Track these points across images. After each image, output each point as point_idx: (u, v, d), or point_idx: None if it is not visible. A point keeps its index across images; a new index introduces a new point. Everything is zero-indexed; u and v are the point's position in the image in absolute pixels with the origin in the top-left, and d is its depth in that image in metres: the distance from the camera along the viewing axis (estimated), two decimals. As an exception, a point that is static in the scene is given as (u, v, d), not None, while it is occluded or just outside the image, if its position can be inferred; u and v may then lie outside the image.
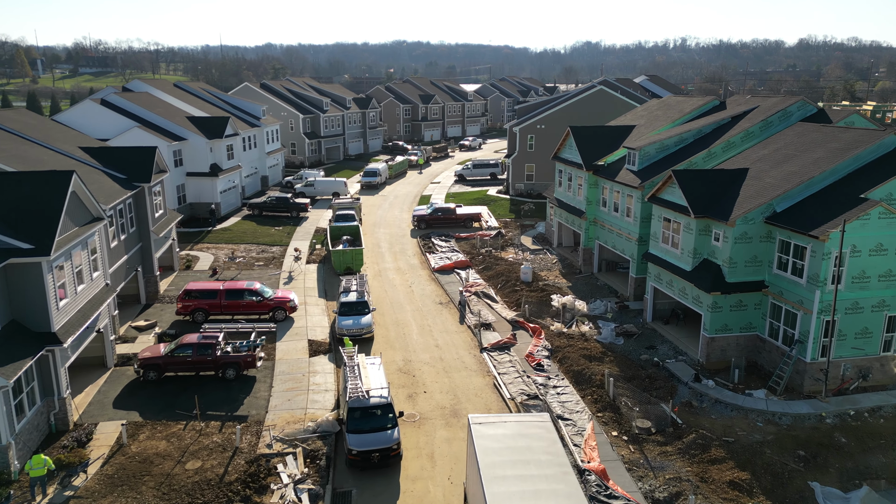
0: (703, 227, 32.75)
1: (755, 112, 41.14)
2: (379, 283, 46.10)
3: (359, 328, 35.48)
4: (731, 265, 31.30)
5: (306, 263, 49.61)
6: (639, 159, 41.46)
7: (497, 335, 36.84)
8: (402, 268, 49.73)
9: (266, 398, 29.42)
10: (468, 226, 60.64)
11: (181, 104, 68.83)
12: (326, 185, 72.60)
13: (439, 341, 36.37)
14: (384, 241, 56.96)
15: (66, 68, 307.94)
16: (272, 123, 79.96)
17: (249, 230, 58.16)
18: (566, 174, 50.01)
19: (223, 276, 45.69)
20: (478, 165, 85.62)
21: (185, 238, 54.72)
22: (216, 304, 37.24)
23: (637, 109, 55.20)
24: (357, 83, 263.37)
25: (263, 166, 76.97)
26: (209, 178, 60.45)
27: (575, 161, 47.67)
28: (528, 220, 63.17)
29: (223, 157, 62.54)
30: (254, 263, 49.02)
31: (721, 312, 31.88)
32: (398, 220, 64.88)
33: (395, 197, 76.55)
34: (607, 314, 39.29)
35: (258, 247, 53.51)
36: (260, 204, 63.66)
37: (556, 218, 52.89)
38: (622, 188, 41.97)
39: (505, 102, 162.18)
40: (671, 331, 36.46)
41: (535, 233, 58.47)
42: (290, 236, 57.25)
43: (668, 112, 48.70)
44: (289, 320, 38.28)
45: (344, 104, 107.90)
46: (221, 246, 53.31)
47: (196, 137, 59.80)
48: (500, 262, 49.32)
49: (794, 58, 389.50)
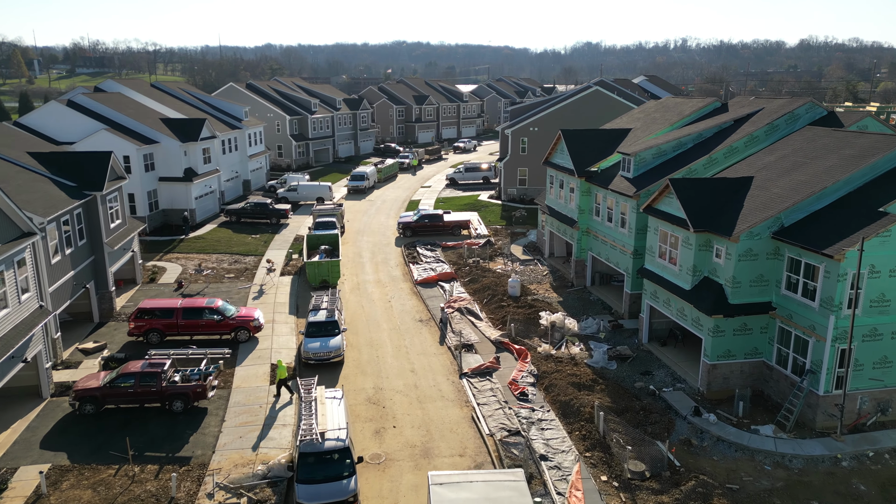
0: (703, 241, 29.66)
1: (760, 115, 38.07)
2: (356, 297, 43.00)
3: (326, 352, 32.38)
4: (734, 285, 28.21)
5: (280, 275, 46.52)
6: (634, 166, 38.39)
7: (479, 358, 33.74)
8: (382, 280, 46.64)
9: (215, 434, 26.32)
10: (456, 233, 57.57)
11: (157, 105, 65.75)
12: (310, 190, 69.50)
13: (416, 365, 33.27)
14: (366, 251, 53.87)
15: (63, 69, 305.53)
16: (255, 125, 76.89)
17: (224, 238, 55.07)
18: (557, 180, 46.93)
19: (189, 289, 42.63)
20: (470, 169, 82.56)
21: (154, 247, 51.63)
22: (172, 323, 34.15)
23: (634, 111, 52.12)
24: (355, 84, 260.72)
25: (245, 170, 73.88)
26: (183, 184, 57.36)
27: (566, 167, 44.60)
28: (520, 227, 60.11)
29: (199, 161, 59.45)
30: (224, 276, 45.93)
31: (723, 337, 28.78)
32: (383, 227, 61.80)
33: (383, 202, 73.47)
34: (599, 334, 36.19)
35: (231, 257, 50.41)
36: (238, 210, 60.57)
37: (548, 227, 49.81)
38: (616, 197, 38.88)
39: (502, 103, 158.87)
40: (669, 354, 33.36)
41: (526, 241, 55.38)
42: (268, 245, 54.16)
43: (666, 114, 45.62)
44: (253, 341, 35.18)
45: (334, 105, 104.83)
46: (192, 256, 50.21)
47: (169, 140, 56.72)
48: (487, 274, 46.23)
49: (795, 58, 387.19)
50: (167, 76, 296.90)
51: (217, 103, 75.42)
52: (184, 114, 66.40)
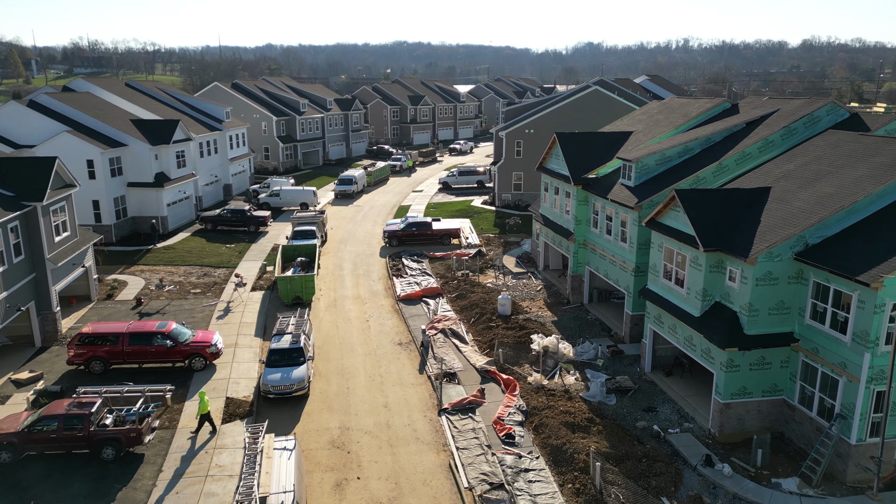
0: (714, 262, 25.95)
1: (775, 117, 34.35)
2: (332, 315, 39.31)
3: (288, 384, 28.67)
4: (751, 313, 24.50)
5: (252, 290, 42.82)
6: (635, 173, 34.68)
7: (461, 390, 30.03)
8: (362, 295, 42.94)
9: (148, 490, 22.63)
10: (446, 243, 53.88)
11: (129, 106, 62.10)
12: (293, 195, 65.80)
13: (390, 399, 29.57)
14: (348, 262, 50.16)
15: (61, 69, 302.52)
16: (238, 126, 73.21)
17: (196, 248, 51.39)
18: (553, 188, 43.23)
19: (149, 307, 38.98)
20: (464, 172, 78.86)
21: (118, 258, 47.95)
22: (117, 350, 30.47)
23: (635, 113, 48.40)
24: (353, 84, 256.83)
25: (226, 174, 70.20)
26: (153, 189, 53.69)
27: (562, 173, 40.91)
28: (514, 235, 56.38)
29: (171, 165, 55.79)
30: (189, 291, 42.24)
31: (738, 372, 25.08)
32: (369, 235, 58.11)
33: (371, 207, 69.78)
34: (597, 361, 32.48)
35: (201, 269, 46.72)
36: (213, 217, 56.88)
37: (543, 237, 46.10)
38: (616, 207, 35.17)
39: (500, 104, 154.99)
40: (675, 385, 29.65)
41: (519, 252, 51.65)
42: (242, 256, 50.46)
43: (670, 116, 41.90)
44: (209, 369, 31.50)
45: (324, 105, 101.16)
46: (159, 268, 46.53)
47: (138, 143, 53.05)
48: (476, 289, 42.54)
49: (798, 58, 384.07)
50: (165, 76, 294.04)
51: (197, 104, 71.77)
52: (159, 115, 62.77)
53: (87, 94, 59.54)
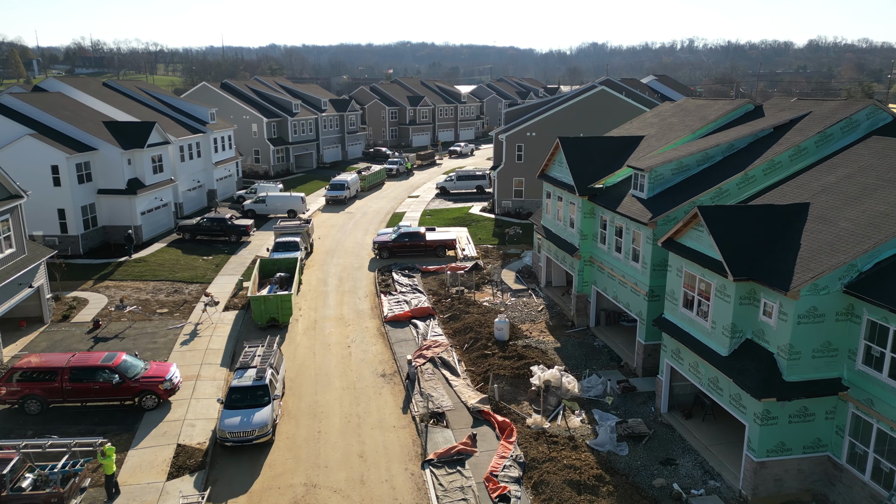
0: (746, 293, 22.00)
1: (806, 121, 30.36)
2: (309, 340, 35.43)
3: (248, 430, 24.77)
4: (791, 356, 20.54)
5: (225, 310, 38.97)
6: (649, 183, 30.73)
7: (450, 436, 26.12)
8: (345, 316, 39.05)
9: (65, 572, 18.79)
10: (440, 254, 49.96)
11: (104, 107, 58.35)
12: (280, 202, 61.97)
13: (367, 447, 25.67)
14: (333, 276, 46.27)
15: (62, 69, 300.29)
16: (224, 128, 69.40)
17: (170, 261, 47.56)
18: (555, 198, 39.29)
19: (107, 330, 35.19)
20: (462, 177, 74.95)
21: (84, 272, 44.17)
22: (56, 388, 26.65)
23: (646, 115, 44.43)
24: (354, 84, 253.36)
25: (210, 178, 66.39)
26: (126, 197, 49.89)
27: (566, 182, 36.98)
28: (514, 247, 52.44)
29: (146, 171, 52.00)
30: (156, 311, 38.42)
31: (775, 426, 21.12)
32: (359, 245, 54.23)
33: (363, 214, 65.91)
34: (606, 398, 28.53)
35: (172, 285, 42.88)
36: (192, 227, 53.06)
37: (545, 251, 42.16)
38: (626, 222, 31.23)
39: (502, 104, 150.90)
40: (696, 431, 25.70)
41: (520, 265, 47.71)
42: (219, 269, 46.62)
43: (685, 119, 37.93)
44: (163, 408, 27.66)
45: (318, 106, 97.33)
46: (126, 284, 42.70)
47: (109, 147, 49.26)
48: (471, 309, 38.65)
49: (804, 59, 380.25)
50: (167, 77, 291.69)
51: (180, 104, 67.99)
52: (136, 116, 59.02)
53: (58, 94, 55.80)
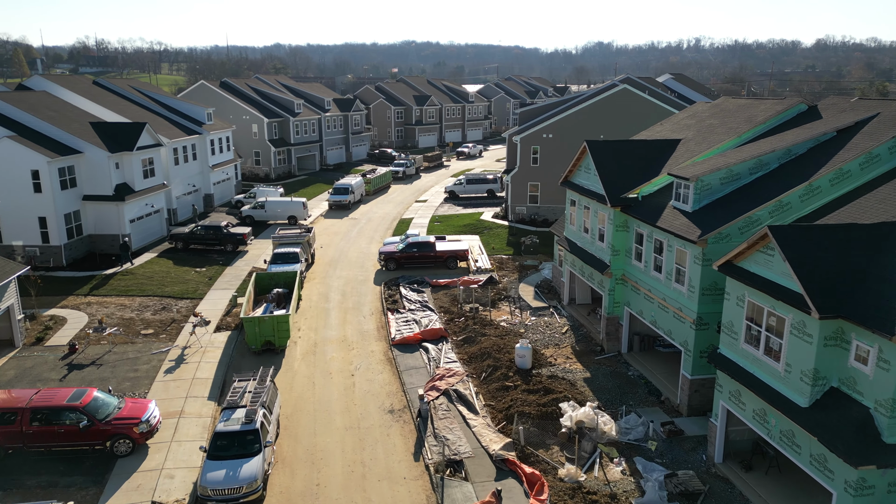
0: (832, 332, 18.24)
1: (875, 123, 26.56)
2: (309, 367, 31.77)
3: (234, 486, 21.10)
4: (894, 413, 16.79)
5: (216, 331, 35.34)
6: (694, 195, 26.96)
7: (470, 491, 22.43)
8: (349, 338, 35.38)
9: None
10: (451, 266, 46.25)
11: (94, 107, 54.83)
12: (280, 207, 58.37)
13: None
14: (336, 291, 42.60)
15: (66, 68, 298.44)
16: (221, 129, 65.83)
17: (160, 273, 43.98)
18: (581, 207, 35.53)
19: (85, 355, 31.63)
20: (472, 181, 71.20)
21: (65, 287, 40.63)
22: (15, 431, 23.05)
23: (678, 116, 40.65)
24: (359, 83, 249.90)
25: (207, 182, 62.82)
26: (113, 203, 46.33)
27: (594, 190, 33.24)
28: (531, 258, 48.69)
29: (136, 175, 48.44)
30: (140, 332, 34.81)
31: (871, 496, 17.37)
32: (364, 255, 50.56)
33: (368, 220, 62.25)
34: (648, 443, 24.80)
35: (160, 301, 39.29)
36: (185, 235, 49.45)
37: (568, 265, 38.41)
38: (668, 238, 27.47)
39: (511, 104, 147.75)
40: (760, 487, 21.92)
41: (538, 278, 43.99)
42: (212, 282, 43.01)
43: (727, 121, 34.13)
44: (139, 452, 24.04)
45: (322, 106, 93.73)
46: (110, 300, 39.12)
47: (95, 150, 45.71)
48: (488, 331, 34.97)
49: (813, 58, 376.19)
50: (171, 76, 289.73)
51: (175, 104, 64.44)
52: (128, 117, 55.49)
53: (43, 93, 52.28)
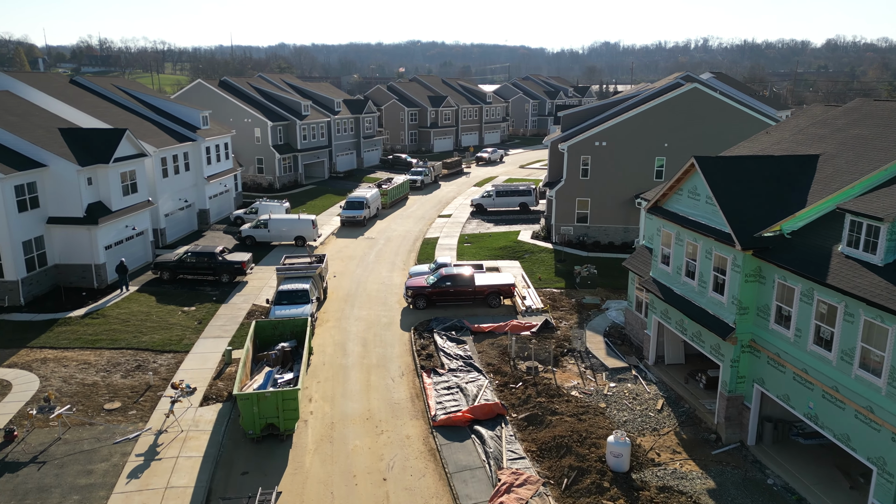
0: None
1: None
2: (325, 463, 23.45)
3: None
4: None
5: (202, 403, 27.06)
6: (888, 242, 18.58)
7: None
8: (375, 413, 27.05)
9: None
10: (494, 304, 37.96)
11: (68, 110, 46.67)
12: (286, 226, 50.12)
13: None
14: (355, 340, 34.27)
15: (68, 67, 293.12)
16: (219, 134, 57.68)
17: (138, 315, 35.77)
18: (682, 243, 27.14)
19: (24, 446, 23.45)
20: (503, 192, 62.84)
21: (19, 335, 32.46)
22: None
23: (794, 124, 32.19)
24: (366, 83, 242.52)
25: (202, 196, 54.62)
26: (85, 228, 38.21)
27: (707, 224, 24.87)
28: (589, 292, 40.33)
29: (114, 192, 40.32)
30: (102, 407, 26.55)
31: None
32: (386, 287, 42.26)
33: (387, 240, 53.97)
34: None
35: (136, 356, 31.06)
36: (172, 263, 41.26)
37: (657, 315, 30.02)
38: (848, 303, 19.08)
39: (529, 105, 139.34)
40: None
41: (605, 322, 35.66)
42: (203, 327, 34.76)
43: (888, 131, 25.67)
44: None
45: (331, 108, 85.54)
46: (71, 357, 30.90)
47: (62, 163, 37.59)
48: (557, 404, 26.68)
49: (824, 58, 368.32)
50: (174, 76, 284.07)
51: (166, 107, 56.27)
52: (108, 122, 47.34)
53: (5, 93, 44.04)
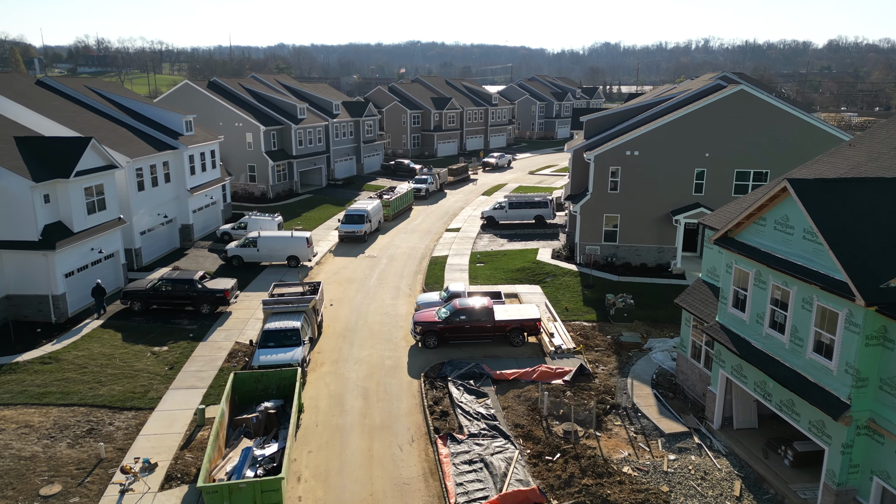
0: None
1: None
2: (316, 577, 18.00)
3: None
4: None
5: (162, 486, 21.59)
6: None
7: None
8: (379, 499, 21.49)
9: None
10: (517, 342, 32.53)
11: (30, 115, 41.20)
12: (278, 244, 44.68)
13: None
14: (354, 391, 28.77)
15: (65, 68, 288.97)
16: (205, 141, 52.25)
17: (99, 358, 30.27)
18: (763, 286, 21.66)
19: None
20: (516, 204, 57.41)
21: (-51, 389, 27.04)
22: None
23: (885, 133, 26.76)
24: (366, 84, 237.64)
25: (184, 210, 49.15)
26: (40, 253, 32.79)
27: (808, 267, 19.43)
28: (625, 326, 34.90)
29: (76, 210, 34.92)
30: (37, 495, 21.11)
31: None
32: (390, 318, 36.81)
33: (391, 259, 48.53)
34: None
35: (88, 414, 25.60)
36: (144, 293, 35.83)
37: (726, 371, 24.55)
38: None
39: (536, 107, 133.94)
40: None
41: (650, 367, 30.21)
42: (174, 374, 29.27)
43: None
44: None
45: (329, 111, 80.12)
46: (9, 415, 25.41)
47: (13, 178, 32.17)
48: (608, 487, 21.29)
49: (826, 59, 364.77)
50: (171, 76, 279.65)
51: (146, 111, 50.83)
52: (77, 128, 41.89)
53: (-46, 96, 38.75)
